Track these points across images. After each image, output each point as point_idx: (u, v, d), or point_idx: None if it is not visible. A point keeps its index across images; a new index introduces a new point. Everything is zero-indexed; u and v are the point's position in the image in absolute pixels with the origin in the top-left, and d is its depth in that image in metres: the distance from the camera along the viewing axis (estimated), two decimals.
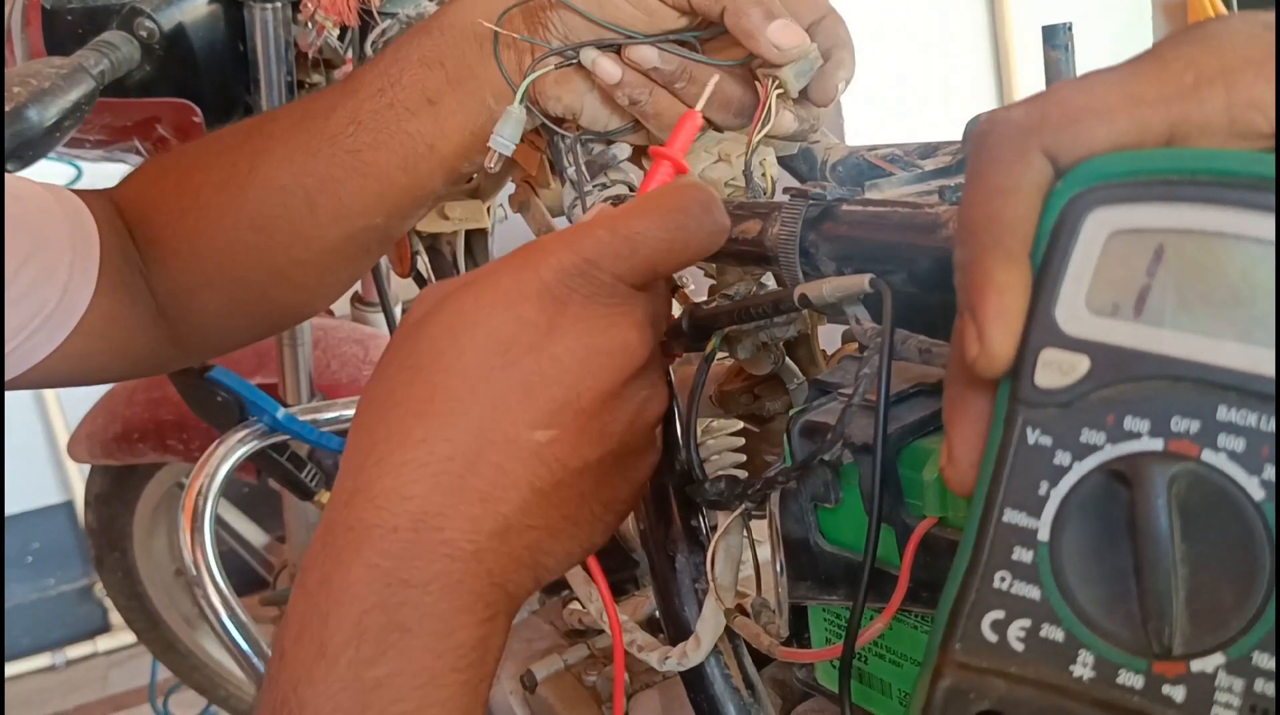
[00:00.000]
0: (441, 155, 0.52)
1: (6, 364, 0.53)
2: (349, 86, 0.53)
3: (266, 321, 0.63)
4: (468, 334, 0.35)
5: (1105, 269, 0.25)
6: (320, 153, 0.52)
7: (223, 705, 1.44)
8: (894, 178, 0.42)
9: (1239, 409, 0.23)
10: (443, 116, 0.51)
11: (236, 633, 0.79)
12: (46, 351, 0.54)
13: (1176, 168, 0.24)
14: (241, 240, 0.55)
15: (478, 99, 0.50)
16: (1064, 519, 0.25)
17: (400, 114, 0.51)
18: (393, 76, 0.51)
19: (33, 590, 2.19)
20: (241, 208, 0.54)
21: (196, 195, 0.55)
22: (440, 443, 0.34)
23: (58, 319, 0.53)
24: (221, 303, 0.58)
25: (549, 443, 0.34)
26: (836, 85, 0.46)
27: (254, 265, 0.55)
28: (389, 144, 0.51)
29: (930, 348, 0.37)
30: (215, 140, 0.56)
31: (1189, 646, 0.23)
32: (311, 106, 0.54)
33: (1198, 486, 0.23)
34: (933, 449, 0.34)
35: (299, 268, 0.56)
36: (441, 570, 0.33)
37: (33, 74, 0.57)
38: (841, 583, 0.37)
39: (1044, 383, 0.25)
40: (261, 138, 0.54)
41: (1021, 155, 0.25)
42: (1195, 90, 0.24)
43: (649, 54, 0.46)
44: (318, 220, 0.54)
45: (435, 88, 0.50)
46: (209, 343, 0.63)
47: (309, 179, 0.53)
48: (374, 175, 0.52)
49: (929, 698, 0.25)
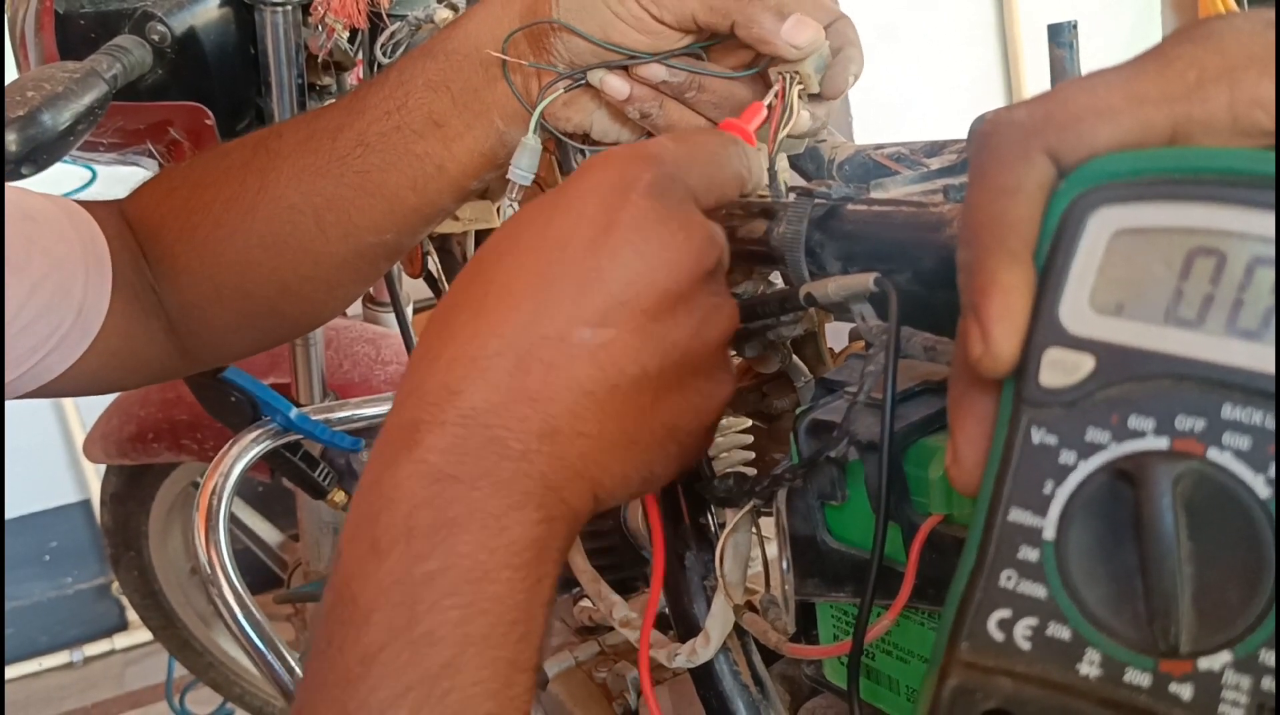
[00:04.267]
0: (451, 176, 0.52)
1: (22, 381, 0.53)
2: (355, 106, 0.53)
3: (275, 333, 0.63)
4: (528, 232, 0.34)
5: (1109, 268, 0.25)
6: (329, 172, 0.53)
7: (238, 702, 1.45)
8: (899, 176, 0.42)
9: (1244, 407, 0.23)
10: (450, 138, 0.51)
11: (251, 630, 0.80)
12: (61, 369, 0.55)
13: (1180, 167, 0.24)
14: (251, 257, 0.55)
15: (485, 121, 0.51)
16: (1069, 518, 0.25)
17: (408, 136, 0.51)
18: (399, 100, 0.51)
19: (51, 588, 2.20)
20: (251, 225, 0.54)
21: (206, 212, 0.55)
22: (491, 338, 0.33)
23: (73, 338, 0.54)
24: (231, 316, 0.58)
25: (603, 344, 0.33)
26: (847, 79, 0.46)
27: (263, 281, 0.56)
28: (397, 165, 0.52)
29: (935, 345, 0.37)
30: (223, 156, 0.57)
31: (1195, 645, 0.23)
32: (317, 125, 0.54)
33: (1203, 485, 0.23)
34: (938, 447, 0.34)
35: (308, 283, 0.56)
36: (490, 467, 0.32)
37: (46, 78, 0.58)
38: (848, 580, 0.37)
39: (1048, 382, 0.25)
40: (268, 155, 0.54)
41: (1024, 155, 0.25)
42: (1198, 89, 0.24)
43: (657, 70, 0.46)
44: (327, 237, 0.54)
45: (442, 111, 0.51)
46: (219, 354, 0.63)
47: (317, 198, 0.53)
48: (383, 195, 0.53)
49: (936, 697, 0.25)
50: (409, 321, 1.02)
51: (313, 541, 1.06)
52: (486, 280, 0.34)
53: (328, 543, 1.05)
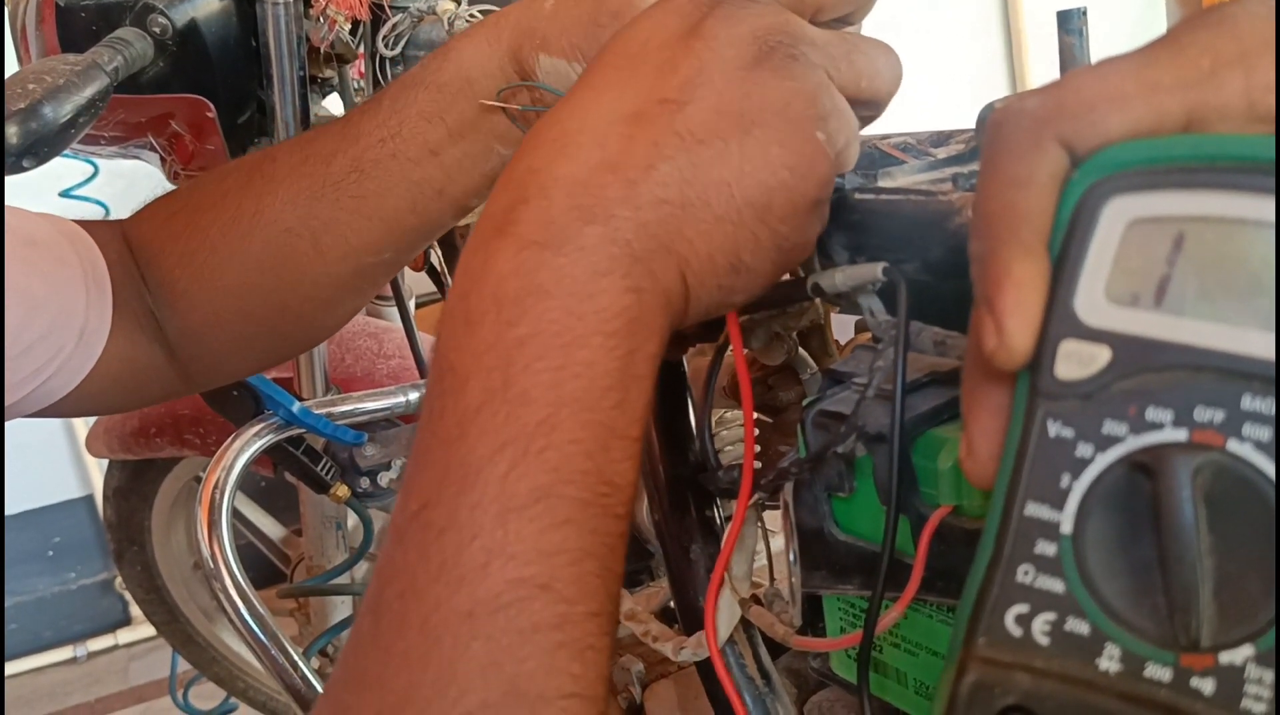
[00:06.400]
0: (451, 198, 0.52)
1: (24, 404, 0.53)
2: (348, 132, 0.53)
3: (275, 353, 0.63)
4: (620, 35, 0.36)
5: (1124, 258, 0.24)
6: (325, 196, 0.53)
7: (242, 697, 1.45)
8: (906, 166, 0.42)
9: (1264, 398, 0.23)
10: (448, 164, 0.51)
11: (254, 625, 0.80)
12: (64, 392, 0.54)
13: (1195, 154, 0.24)
14: (249, 280, 0.55)
15: (483, 147, 0.51)
16: (1087, 512, 0.24)
17: (404, 164, 0.51)
18: (392, 128, 0.51)
19: (54, 584, 2.21)
20: (248, 249, 0.54)
21: (204, 236, 0.55)
22: (571, 121, 0.34)
23: (76, 361, 0.54)
24: (231, 339, 0.58)
25: (680, 110, 0.33)
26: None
27: (262, 303, 0.56)
28: (395, 190, 0.52)
29: (945, 339, 0.36)
30: (220, 179, 0.56)
31: (1217, 638, 0.23)
32: (310, 150, 0.54)
33: (1223, 477, 0.23)
34: (947, 438, 0.34)
35: (307, 303, 0.56)
36: (574, 234, 0.32)
37: (47, 71, 0.57)
38: (856, 572, 0.37)
39: (1064, 374, 0.25)
40: (263, 179, 0.54)
41: (1037, 145, 0.25)
42: (1213, 75, 0.24)
43: None
44: (324, 259, 0.54)
45: (437, 141, 0.51)
46: (220, 375, 0.63)
47: (314, 221, 0.53)
48: (380, 218, 0.53)
49: (954, 693, 0.25)
50: (412, 315, 1.02)
51: (316, 536, 1.06)
52: (581, 80, 0.36)
53: (331, 537, 1.05)
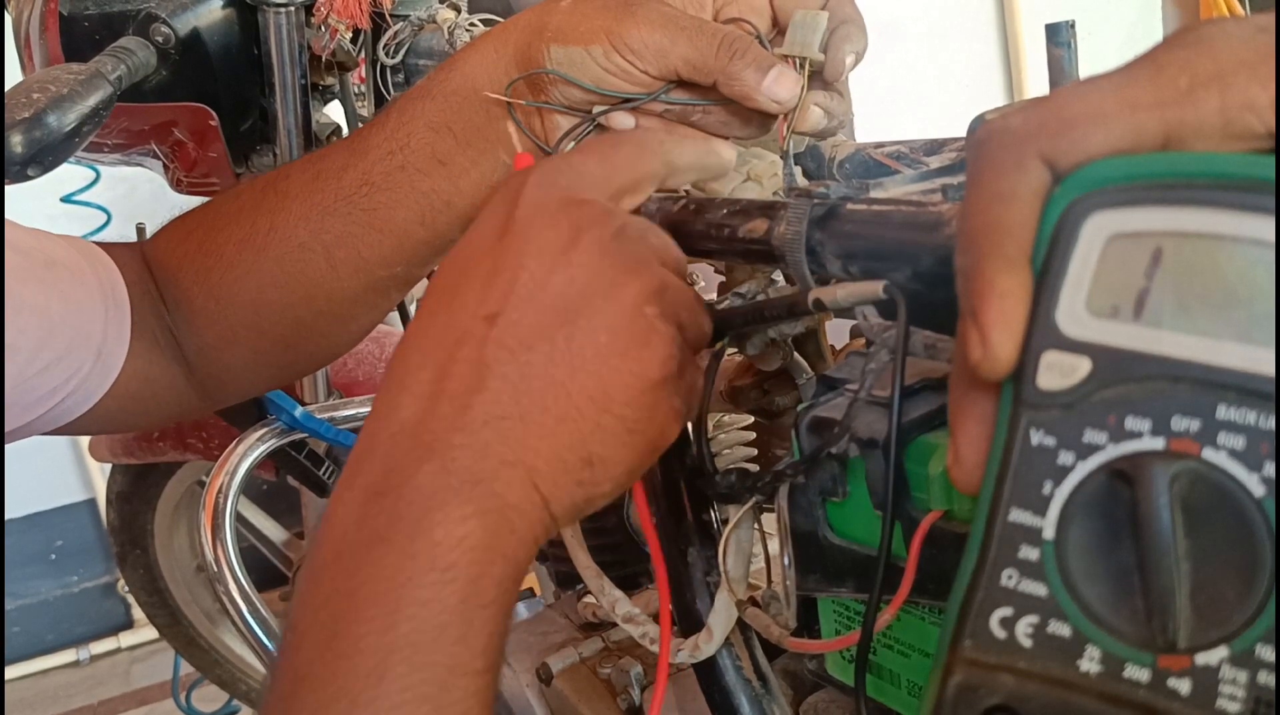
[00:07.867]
0: (459, 209, 0.53)
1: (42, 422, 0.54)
2: (357, 147, 0.53)
3: (291, 370, 0.64)
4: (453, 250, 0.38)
5: (1104, 272, 0.25)
6: (336, 210, 0.53)
7: (244, 700, 1.46)
8: (898, 176, 0.42)
9: (1238, 407, 0.23)
10: (456, 175, 0.52)
11: (257, 628, 0.80)
12: (82, 411, 0.55)
13: (1173, 171, 0.24)
14: (264, 297, 0.55)
15: (490, 157, 0.51)
16: (1069, 518, 0.25)
17: (413, 175, 0.52)
18: (400, 140, 0.52)
19: (57, 587, 2.21)
20: (262, 266, 0.55)
21: (220, 255, 0.56)
22: (413, 354, 0.35)
23: (93, 381, 0.54)
24: (247, 357, 0.59)
25: (503, 321, 0.34)
26: (845, 60, 0.46)
27: (277, 320, 0.56)
28: (404, 202, 0.52)
29: (935, 343, 0.37)
30: (235, 197, 0.57)
31: (1193, 640, 0.24)
32: (322, 166, 0.54)
33: (1199, 484, 0.24)
34: (938, 444, 0.34)
35: (322, 318, 0.57)
36: (411, 474, 0.32)
37: (51, 80, 0.58)
38: (850, 575, 0.38)
39: (1046, 385, 0.26)
40: (276, 195, 0.55)
41: (1019, 162, 0.26)
42: (1190, 94, 0.24)
43: (656, 108, 0.48)
44: (338, 274, 0.54)
45: (446, 150, 0.51)
46: (237, 392, 0.64)
47: (327, 235, 0.54)
48: (391, 230, 0.53)
49: (940, 694, 0.26)
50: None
51: None
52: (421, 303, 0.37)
53: None
